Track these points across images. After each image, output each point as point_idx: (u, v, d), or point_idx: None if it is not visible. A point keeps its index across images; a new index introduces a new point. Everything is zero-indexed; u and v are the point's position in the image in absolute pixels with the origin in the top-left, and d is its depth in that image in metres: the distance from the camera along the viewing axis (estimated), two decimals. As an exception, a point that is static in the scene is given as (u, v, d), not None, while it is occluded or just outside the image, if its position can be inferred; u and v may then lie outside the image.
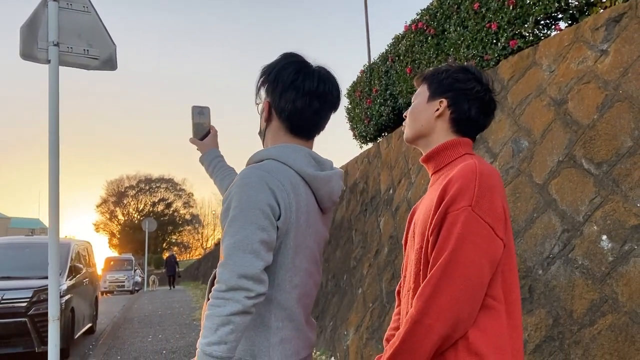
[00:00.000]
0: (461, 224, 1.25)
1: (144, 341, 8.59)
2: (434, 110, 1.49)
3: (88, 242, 10.75)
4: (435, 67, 1.58)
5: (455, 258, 1.24)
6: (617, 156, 3.10)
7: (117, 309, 14.82)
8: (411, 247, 1.49)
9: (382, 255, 5.69)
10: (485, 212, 1.27)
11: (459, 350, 1.24)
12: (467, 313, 1.24)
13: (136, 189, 55.86)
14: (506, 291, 1.30)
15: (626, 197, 2.97)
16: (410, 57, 6.50)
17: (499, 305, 1.28)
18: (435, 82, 1.51)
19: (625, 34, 3.34)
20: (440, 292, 1.24)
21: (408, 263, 1.49)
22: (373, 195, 6.63)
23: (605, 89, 3.32)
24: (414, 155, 5.71)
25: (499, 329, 1.27)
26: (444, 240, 1.27)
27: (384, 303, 5.30)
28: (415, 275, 1.38)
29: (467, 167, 1.31)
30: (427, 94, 1.52)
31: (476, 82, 1.51)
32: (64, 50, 3.57)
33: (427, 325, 1.24)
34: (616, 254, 2.92)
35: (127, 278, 26.64)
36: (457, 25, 5.54)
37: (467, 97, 1.48)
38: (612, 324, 2.82)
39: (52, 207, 3.34)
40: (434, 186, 1.46)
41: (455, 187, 1.28)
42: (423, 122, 1.50)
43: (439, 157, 1.48)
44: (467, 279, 1.23)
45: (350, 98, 8.56)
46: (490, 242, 1.26)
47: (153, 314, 12.70)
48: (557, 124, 3.60)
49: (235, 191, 1.34)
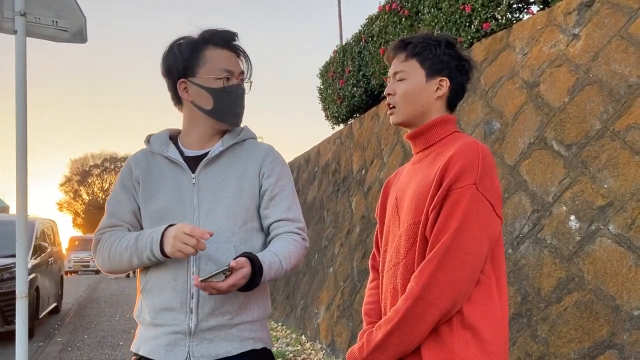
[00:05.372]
0: (466, 202, 1.27)
1: (111, 320, 8.51)
2: (434, 89, 1.46)
3: (53, 221, 10.52)
4: (415, 39, 1.48)
5: (460, 236, 1.26)
6: (586, 138, 3.18)
7: (83, 289, 14.63)
8: (394, 221, 1.49)
9: (354, 235, 5.74)
10: (488, 191, 1.29)
11: (454, 324, 1.27)
12: (466, 289, 1.27)
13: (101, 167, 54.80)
14: (495, 267, 1.34)
15: (594, 179, 3.05)
16: (384, 38, 6.49)
17: (489, 281, 1.31)
18: (430, 58, 1.45)
19: (597, 18, 3.40)
20: (443, 269, 1.25)
21: (390, 237, 1.49)
22: (345, 176, 6.65)
23: (576, 73, 3.39)
24: (387, 136, 5.74)
25: (491, 303, 1.30)
26: (447, 217, 1.28)
27: (355, 281, 5.36)
28: (407, 250, 1.38)
29: (469, 146, 1.32)
30: (422, 73, 1.46)
31: (462, 55, 1.52)
32: (32, 20, 3.44)
33: (429, 301, 1.25)
34: (583, 234, 3.01)
35: (92, 258, 26.17)
36: (431, 7, 5.55)
37: (460, 73, 1.48)
38: (578, 300, 2.91)
39: (19, 184, 3.24)
40: (423, 163, 1.46)
41: (459, 164, 1.29)
42: (424, 103, 1.45)
43: (429, 134, 1.46)
44: (470, 256, 1.26)
45: (322, 78, 8.52)
46: (491, 220, 1.29)
47: (120, 293, 12.58)
48: (528, 106, 3.67)
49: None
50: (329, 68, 8.19)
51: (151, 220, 1.58)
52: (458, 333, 1.26)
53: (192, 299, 1.49)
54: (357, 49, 7.26)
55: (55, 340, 7.09)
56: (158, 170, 1.62)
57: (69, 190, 54.01)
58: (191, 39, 1.61)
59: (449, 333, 1.27)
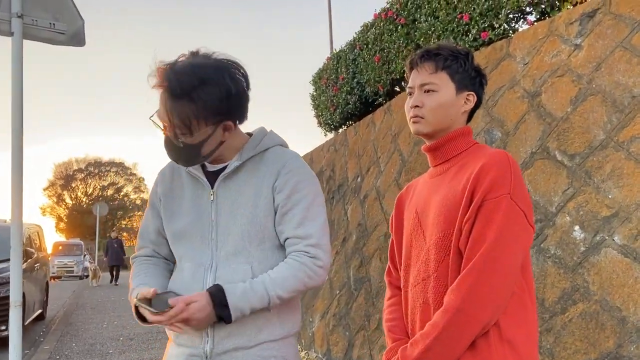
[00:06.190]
0: (502, 212, 1.25)
1: (99, 327, 8.37)
2: (462, 103, 1.46)
3: (39, 226, 10.36)
4: (443, 51, 1.46)
5: (498, 246, 1.24)
6: (590, 149, 3.18)
7: (67, 295, 14.40)
8: (417, 235, 1.46)
9: (350, 243, 5.70)
10: (521, 200, 1.28)
11: (491, 338, 1.25)
12: (504, 300, 1.25)
13: (85, 172, 54.28)
14: (526, 277, 1.33)
15: (598, 189, 3.05)
16: (379, 45, 6.49)
17: (521, 292, 1.31)
18: (460, 72, 1.45)
19: (599, 29, 3.41)
20: (482, 281, 1.23)
21: (414, 252, 1.46)
22: (340, 183, 6.62)
23: (579, 83, 3.40)
24: (383, 144, 5.72)
25: (525, 314, 1.29)
26: (483, 227, 1.26)
27: (351, 290, 5.32)
28: (438, 263, 1.35)
29: (499, 156, 1.31)
30: (453, 86, 1.45)
31: (481, 70, 1.51)
32: (29, 22, 3.38)
33: (469, 313, 1.23)
34: (588, 244, 3.01)
35: (76, 263, 25.91)
36: (428, 16, 5.55)
37: (481, 87, 1.49)
38: (583, 311, 2.90)
39: (15, 191, 3.17)
40: (446, 175, 1.43)
41: (491, 175, 1.28)
42: (452, 117, 1.45)
43: (450, 146, 1.46)
44: (508, 267, 1.25)
45: (315, 85, 8.49)
46: (525, 229, 1.28)
47: (106, 300, 12.40)
48: (530, 116, 3.67)
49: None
50: (322, 75, 8.17)
51: (173, 239, 1.59)
52: (496, 347, 1.24)
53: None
54: (351, 56, 7.25)
55: (42, 348, 6.94)
56: (180, 187, 1.60)
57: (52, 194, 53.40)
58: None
59: (486, 347, 1.25)
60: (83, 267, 25.88)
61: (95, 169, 54.62)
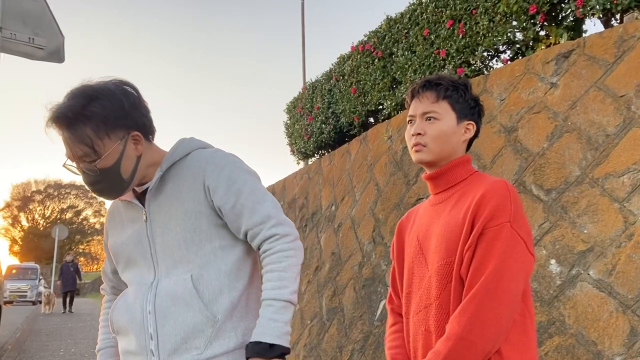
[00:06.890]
0: (502, 240, 1.27)
1: (55, 355, 8.01)
2: (462, 132, 1.48)
3: (-5, 248, 9.94)
4: (444, 80, 1.49)
5: (499, 274, 1.25)
6: (566, 184, 3.26)
7: (20, 320, 13.77)
8: (419, 263, 1.45)
9: (323, 272, 5.65)
10: (521, 228, 1.30)
11: None
12: (506, 328, 1.26)
13: (44, 194, 52.74)
14: (526, 304, 1.33)
15: (574, 224, 3.12)
16: (356, 77, 6.59)
17: (523, 319, 1.31)
18: (461, 102, 1.47)
19: (574, 69, 3.54)
20: (484, 309, 1.24)
21: (416, 279, 1.45)
22: (314, 211, 6.60)
23: (555, 120, 3.50)
24: (359, 173, 5.75)
25: (527, 341, 1.30)
26: (484, 255, 1.27)
27: (323, 320, 5.25)
28: (440, 290, 1.36)
29: (499, 185, 1.33)
30: (454, 116, 1.47)
31: (479, 100, 1.54)
32: (7, 36, 3.31)
33: (471, 341, 1.24)
34: (564, 278, 3.05)
35: (30, 288, 24.89)
36: (405, 50, 5.68)
37: (479, 117, 1.51)
38: (559, 345, 2.93)
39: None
40: (447, 203, 1.44)
41: (492, 203, 1.30)
42: (454, 145, 1.47)
43: (451, 174, 1.47)
44: (509, 294, 1.25)
45: (290, 114, 8.54)
46: (525, 257, 1.29)
47: (62, 326, 11.91)
48: (507, 150, 3.75)
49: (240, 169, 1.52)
50: (297, 104, 8.21)
51: (122, 270, 1.57)
52: None
53: (152, 339, 1.40)
54: (327, 86, 7.32)
55: (-6, 376, 6.59)
56: (120, 219, 1.59)
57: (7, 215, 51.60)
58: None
59: None
60: (37, 292, 24.89)
61: (54, 191, 53.14)
